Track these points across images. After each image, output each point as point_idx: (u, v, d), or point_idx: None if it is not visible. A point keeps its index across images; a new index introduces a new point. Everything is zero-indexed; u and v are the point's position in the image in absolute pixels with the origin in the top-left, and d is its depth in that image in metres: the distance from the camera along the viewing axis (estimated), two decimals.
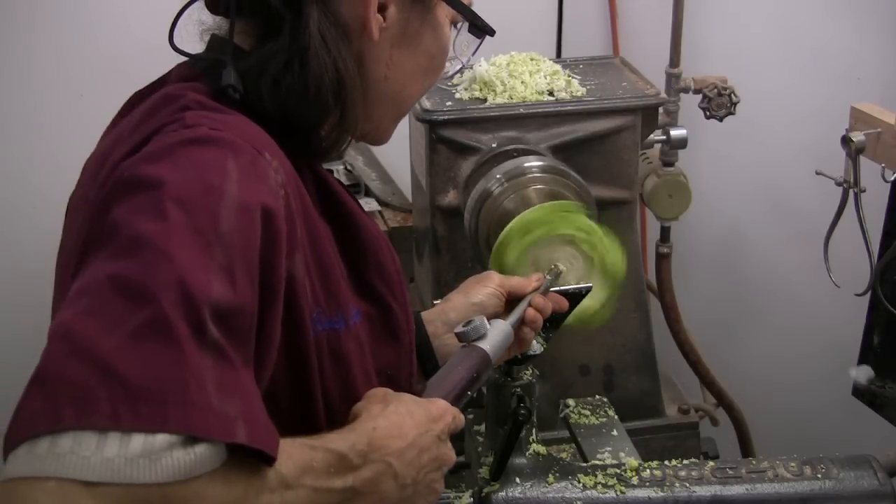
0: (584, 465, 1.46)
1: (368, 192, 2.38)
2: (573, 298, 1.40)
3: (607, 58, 2.18)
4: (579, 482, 1.40)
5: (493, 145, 1.83)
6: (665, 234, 2.24)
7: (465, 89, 1.90)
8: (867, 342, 1.84)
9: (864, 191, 1.75)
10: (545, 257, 1.44)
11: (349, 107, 1.04)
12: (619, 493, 1.39)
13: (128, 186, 0.87)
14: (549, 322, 1.35)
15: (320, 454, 0.90)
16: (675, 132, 2.07)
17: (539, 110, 1.85)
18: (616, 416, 1.65)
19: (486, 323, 1.20)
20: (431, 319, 1.33)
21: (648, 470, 1.42)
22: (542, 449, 1.46)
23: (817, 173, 1.78)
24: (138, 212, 0.84)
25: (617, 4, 2.52)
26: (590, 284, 1.42)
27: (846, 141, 1.72)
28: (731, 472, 1.41)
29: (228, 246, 0.84)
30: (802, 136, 2.43)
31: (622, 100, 1.89)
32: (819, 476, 1.40)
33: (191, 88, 1.00)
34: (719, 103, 2.10)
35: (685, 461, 1.44)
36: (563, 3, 2.53)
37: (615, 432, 1.60)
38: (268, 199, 0.90)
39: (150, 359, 0.77)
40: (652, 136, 2.01)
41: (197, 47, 1.09)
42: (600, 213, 1.69)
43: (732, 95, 2.09)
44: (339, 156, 1.13)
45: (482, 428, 1.54)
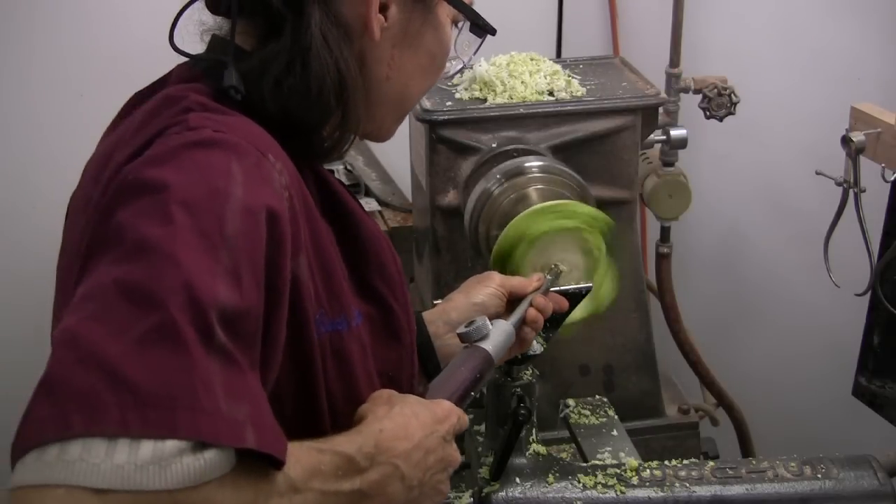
0: (584, 465, 1.46)
1: (368, 192, 2.38)
2: (573, 298, 1.40)
3: (607, 58, 2.18)
4: (579, 482, 1.40)
5: (493, 145, 1.83)
6: (665, 234, 2.24)
7: (465, 89, 1.90)
8: (867, 342, 1.84)
9: (864, 191, 1.75)
10: (548, 255, 1.44)
11: (351, 107, 1.04)
12: (619, 493, 1.39)
13: (132, 190, 0.87)
14: (549, 322, 1.36)
15: (328, 457, 0.90)
16: (675, 132, 2.07)
17: (539, 110, 1.85)
18: (616, 416, 1.65)
19: (489, 323, 1.20)
20: (433, 319, 1.33)
21: (648, 470, 1.42)
22: (542, 449, 1.46)
23: (817, 173, 1.78)
24: (143, 215, 0.84)
25: (617, 4, 2.52)
26: (590, 284, 1.42)
27: (846, 141, 1.72)
28: (731, 472, 1.41)
29: (234, 249, 0.84)
30: (802, 136, 2.44)
31: (622, 100, 1.89)
32: (819, 476, 1.40)
33: (192, 90, 1.00)
34: (719, 103, 2.10)
35: (685, 461, 1.44)
36: (563, 3, 2.53)
37: (615, 432, 1.60)
38: (272, 201, 0.90)
39: (158, 364, 0.76)
40: (652, 136, 2.01)
41: (197, 48, 1.09)
42: None
43: (732, 95, 2.09)
44: (341, 156, 1.12)
45: (482, 428, 1.54)
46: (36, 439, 0.73)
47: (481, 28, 1.14)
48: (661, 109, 1.99)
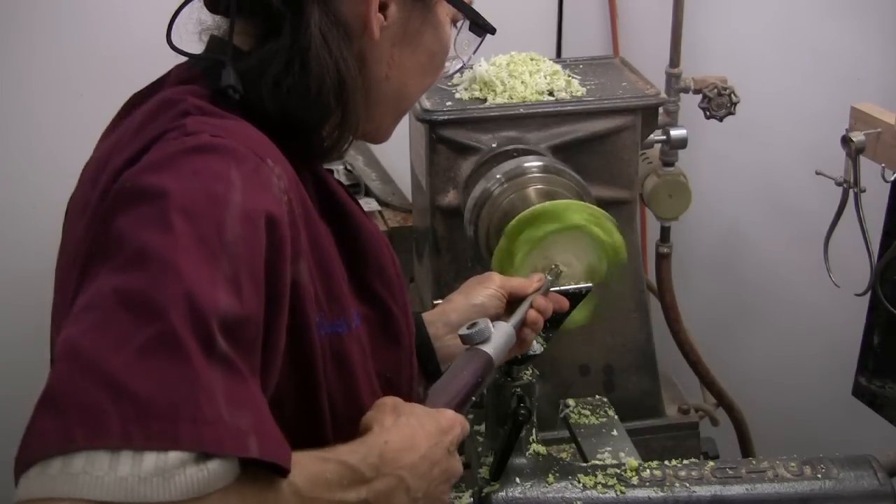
0: (584, 465, 1.46)
1: (368, 192, 2.38)
2: (573, 298, 1.40)
3: (607, 58, 2.18)
4: (579, 482, 1.40)
5: (493, 145, 1.83)
6: (665, 234, 2.24)
7: (465, 89, 1.90)
8: (867, 342, 1.84)
9: (864, 191, 1.75)
10: (550, 254, 1.44)
11: (351, 107, 1.04)
12: (619, 493, 1.39)
13: (131, 196, 0.87)
14: (549, 322, 1.36)
15: (333, 466, 0.90)
16: (675, 132, 2.07)
17: (539, 110, 1.85)
18: (616, 416, 1.65)
19: (491, 326, 1.20)
20: (432, 321, 1.33)
21: (648, 470, 1.42)
22: (542, 449, 1.46)
23: (817, 173, 1.78)
24: (143, 223, 0.84)
25: (617, 4, 2.52)
26: (590, 284, 1.43)
27: (846, 141, 1.72)
28: (731, 472, 1.41)
29: (234, 256, 0.84)
30: (802, 136, 2.44)
31: (622, 100, 1.89)
32: (819, 476, 1.40)
33: (190, 92, 0.99)
34: (719, 103, 2.10)
35: (685, 461, 1.44)
36: (563, 3, 2.53)
37: (615, 432, 1.60)
38: (271, 206, 0.89)
39: (160, 375, 0.76)
40: (652, 136, 2.01)
41: (196, 47, 1.09)
42: None
43: (732, 95, 2.09)
44: (340, 156, 1.12)
45: (482, 428, 1.54)
46: (39, 452, 0.73)
47: (481, 27, 1.14)
48: (661, 109, 1.99)
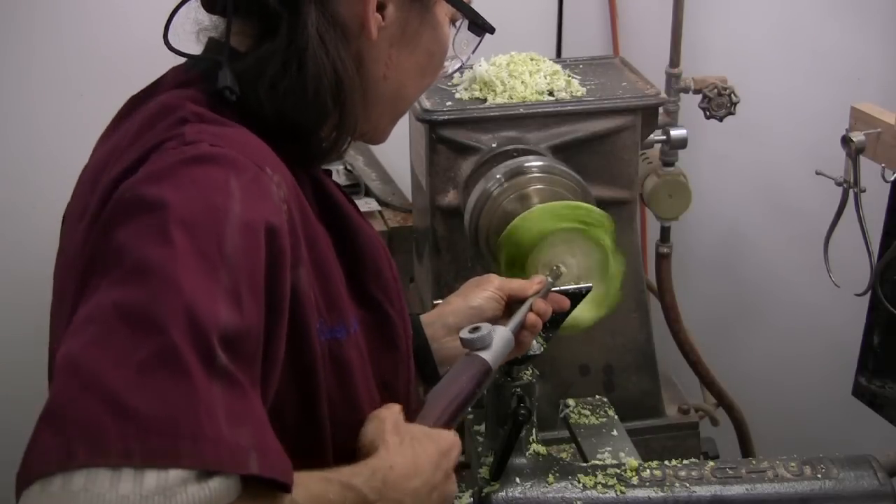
0: (584, 465, 1.46)
1: (368, 192, 2.38)
2: (573, 298, 1.40)
3: (607, 58, 2.18)
4: (579, 482, 1.40)
5: (493, 145, 1.83)
6: (665, 234, 2.24)
7: (465, 89, 1.90)
8: (867, 342, 1.84)
9: (864, 191, 1.75)
10: (553, 256, 1.44)
11: (348, 108, 1.03)
12: (619, 493, 1.39)
13: (131, 207, 0.86)
14: (549, 322, 1.36)
15: (336, 487, 0.90)
16: (675, 132, 2.07)
17: (539, 110, 1.85)
18: (616, 416, 1.65)
19: (493, 332, 1.19)
20: (430, 322, 1.33)
21: (648, 470, 1.42)
22: (542, 449, 1.46)
23: (817, 173, 1.78)
24: (143, 235, 0.83)
25: (617, 4, 2.52)
26: (590, 284, 1.43)
27: (846, 141, 1.72)
28: (731, 472, 1.41)
29: (234, 268, 0.84)
30: (802, 136, 2.43)
31: (622, 100, 1.88)
32: (819, 476, 1.40)
33: (189, 98, 0.99)
34: (719, 103, 2.10)
35: (685, 461, 1.44)
36: (563, 3, 2.53)
37: (615, 432, 1.60)
38: (271, 216, 0.89)
39: (161, 391, 0.76)
40: (652, 136, 2.01)
41: (194, 48, 1.08)
42: None
43: (732, 95, 2.09)
44: (339, 157, 1.12)
45: (482, 428, 1.54)
46: (40, 469, 0.73)
47: (480, 27, 1.14)
48: (661, 109, 1.99)
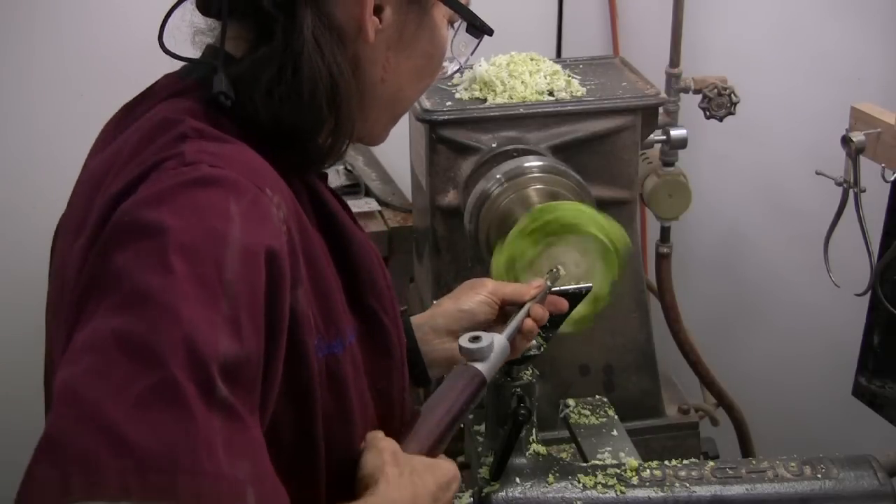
0: (584, 465, 1.46)
1: (368, 192, 2.38)
2: (573, 299, 1.40)
3: (607, 58, 2.18)
4: (579, 482, 1.40)
5: (493, 145, 1.83)
6: (665, 234, 2.24)
7: (465, 89, 1.90)
8: (867, 342, 1.84)
9: (864, 191, 1.75)
10: (553, 258, 1.44)
11: (345, 112, 1.02)
12: (619, 493, 1.39)
13: (130, 231, 0.85)
14: (548, 322, 1.35)
15: None
16: (675, 132, 2.07)
17: (539, 110, 1.85)
18: (616, 416, 1.65)
19: (493, 343, 1.18)
20: (419, 325, 1.33)
21: (648, 470, 1.42)
22: (542, 449, 1.46)
23: (817, 173, 1.78)
24: (142, 261, 0.82)
25: (617, 4, 2.52)
26: (590, 284, 1.42)
27: (846, 141, 1.72)
28: (731, 472, 1.41)
29: (234, 295, 0.83)
30: (802, 136, 2.43)
31: (622, 100, 1.88)
32: (819, 476, 1.40)
33: (188, 111, 0.98)
34: (719, 103, 2.10)
35: (685, 461, 1.44)
36: (563, 3, 2.53)
37: (615, 432, 1.60)
38: (271, 240, 0.88)
39: (159, 425, 0.75)
40: (652, 136, 2.01)
41: (190, 51, 1.07)
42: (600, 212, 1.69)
43: (732, 95, 2.09)
44: (338, 159, 1.11)
45: (482, 428, 1.54)
46: (37, 502, 0.72)
47: (478, 28, 1.12)
48: (661, 109, 1.99)
